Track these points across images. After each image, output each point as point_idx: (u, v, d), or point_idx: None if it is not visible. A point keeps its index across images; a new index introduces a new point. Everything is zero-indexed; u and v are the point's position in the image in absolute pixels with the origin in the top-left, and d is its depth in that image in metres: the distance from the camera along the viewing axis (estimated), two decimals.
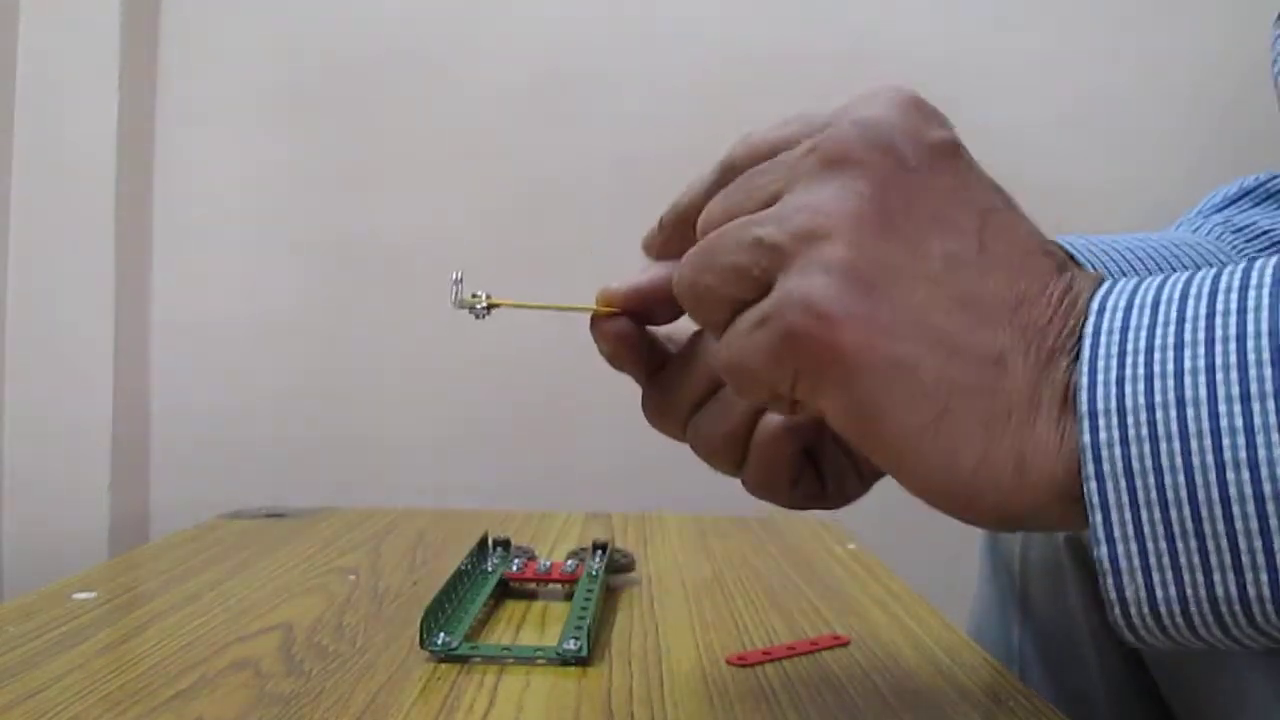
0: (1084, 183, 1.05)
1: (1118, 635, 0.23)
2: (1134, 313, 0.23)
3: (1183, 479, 0.21)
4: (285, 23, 1.06)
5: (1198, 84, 1.07)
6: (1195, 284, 0.23)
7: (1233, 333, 0.22)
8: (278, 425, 1.05)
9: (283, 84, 1.06)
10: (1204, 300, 0.23)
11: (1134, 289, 0.24)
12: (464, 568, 0.50)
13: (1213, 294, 0.23)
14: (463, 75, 1.06)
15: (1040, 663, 0.55)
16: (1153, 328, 0.23)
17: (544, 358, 1.02)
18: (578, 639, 0.41)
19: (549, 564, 0.53)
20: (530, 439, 1.06)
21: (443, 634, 0.42)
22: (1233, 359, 0.21)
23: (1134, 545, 0.22)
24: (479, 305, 0.34)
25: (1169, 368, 0.22)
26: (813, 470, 0.33)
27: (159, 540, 0.71)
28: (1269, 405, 0.21)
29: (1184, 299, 0.23)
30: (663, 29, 1.07)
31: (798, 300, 0.24)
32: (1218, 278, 0.23)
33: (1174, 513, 0.21)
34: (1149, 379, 0.22)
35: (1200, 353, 0.22)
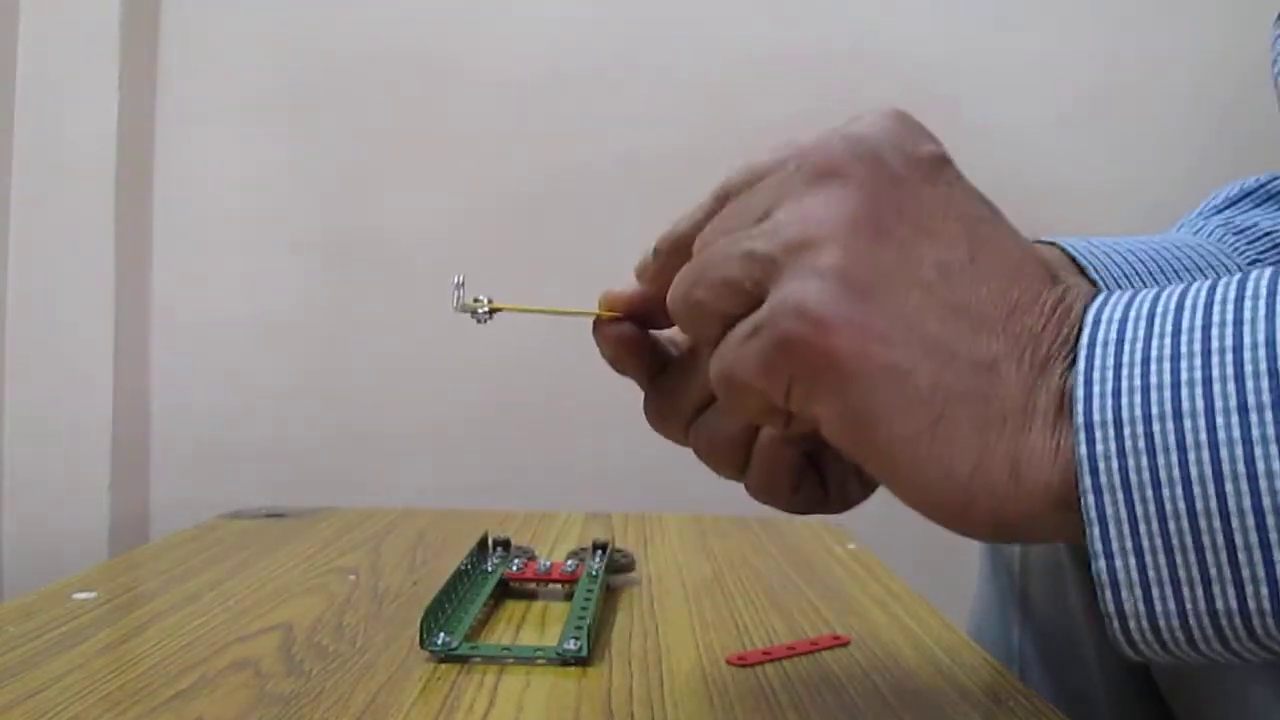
0: (1084, 183, 1.05)
1: (1117, 650, 0.23)
2: (1129, 325, 0.23)
3: (1181, 491, 0.21)
4: (285, 23, 1.06)
5: (1198, 84, 1.07)
6: (1191, 295, 0.23)
7: (1229, 344, 0.21)
8: (278, 425, 1.05)
9: (283, 84, 1.06)
10: (1200, 312, 0.22)
11: (1129, 301, 0.24)
12: (464, 568, 0.50)
13: (1208, 305, 0.22)
14: (463, 75, 1.06)
15: (1040, 663, 0.55)
16: (1149, 339, 0.23)
17: (544, 358, 1.02)
18: (578, 639, 0.41)
19: (549, 564, 0.53)
20: (530, 439, 1.06)
21: (443, 634, 0.42)
22: (1229, 370, 0.21)
23: (1132, 559, 0.22)
24: (480, 310, 0.34)
25: (1165, 379, 0.22)
26: (815, 475, 0.33)
27: (159, 540, 0.71)
28: (1266, 416, 0.20)
29: (1179, 310, 0.23)
30: (663, 29, 1.07)
31: (791, 307, 0.24)
32: (1213, 289, 0.23)
33: (1172, 525, 0.21)
34: (1145, 390, 0.22)
35: (1197, 364, 0.22)
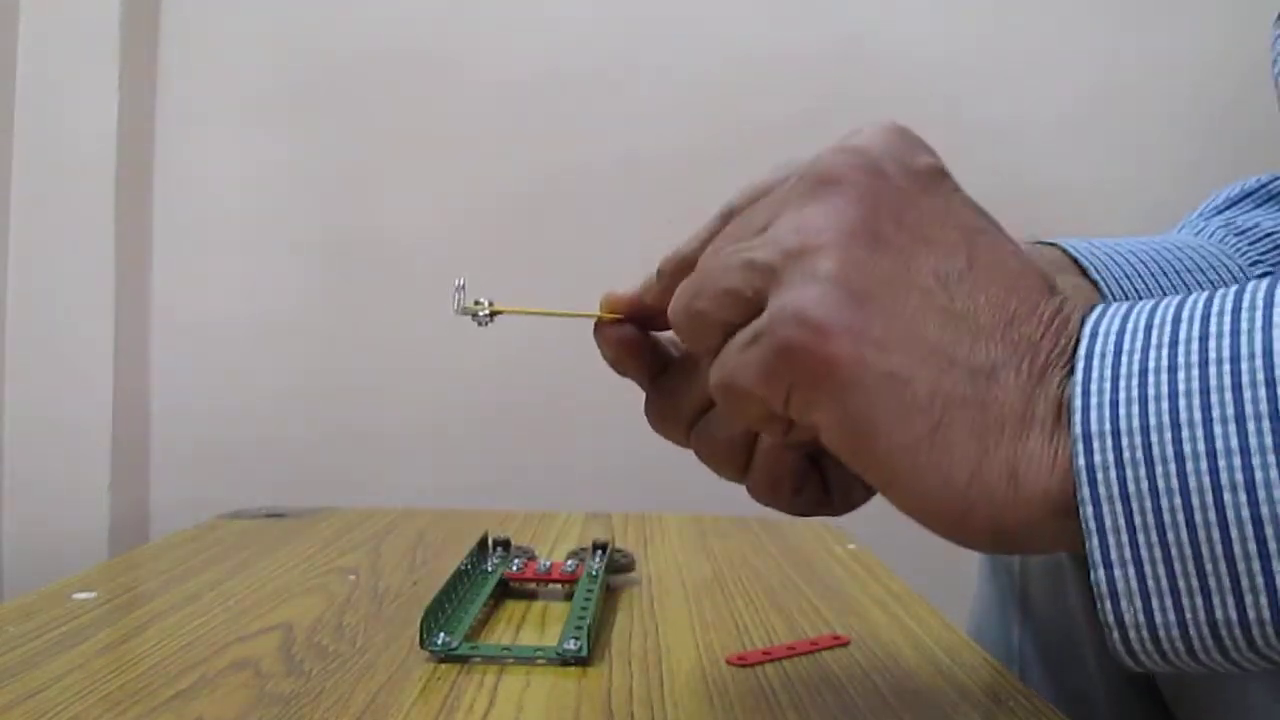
0: (1084, 183, 1.05)
1: (1117, 661, 0.23)
2: (1127, 336, 0.23)
3: (1179, 501, 0.21)
4: (285, 23, 1.06)
5: (1198, 84, 1.07)
6: (1188, 307, 0.23)
7: (1226, 354, 0.21)
8: (278, 425, 1.05)
9: (283, 84, 1.06)
10: (1197, 323, 0.22)
11: (1127, 313, 0.24)
12: (464, 568, 0.50)
13: (1205, 317, 0.22)
14: (463, 75, 1.06)
15: (1040, 663, 0.55)
16: (1146, 350, 0.23)
17: (544, 358, 1.02)
18: (578, 639, 0.41)
19: (549, 564, 0.53)
20: (530, 439, 1.06)
21: (443, 634, 0.42)
22: (1227, 380, 0.21)
23: (1131, 570, 0.22)
24: (481, 313, 0.34)
25: (1163, 390, 0.22)
26: (817, 477, 0.33)
27: (159, 540, 0.71)
28: (1264, 426, 0.20)
29: (1176, 322, 0.23)
30: (663, 29, 1.07)
31: (790, 314, 0.24)
32: (1210, 301, 0.23)
33: (1171, 536, 0.21)
34: (1143, 401, 0.22)
35: (1194, 375, 0.22)
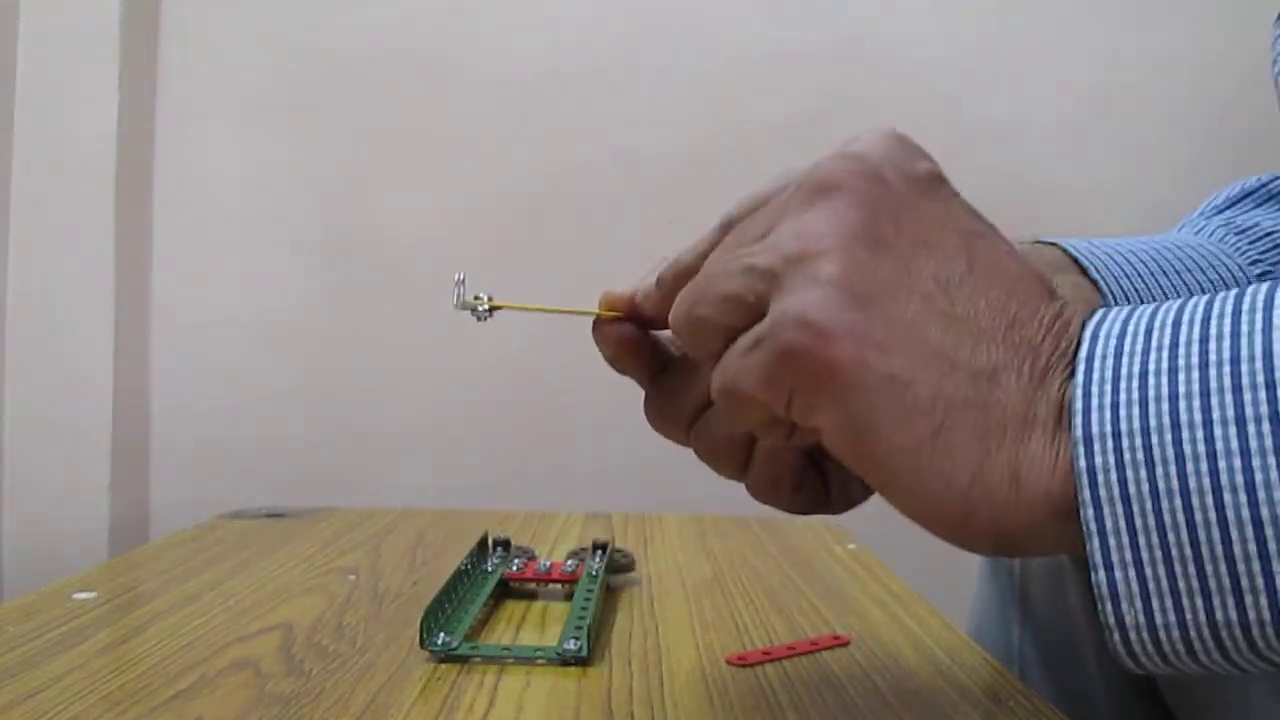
0: (1084, 183, 1.05)
1: (1118, 662, 0.23)
2: (1128, 339, 0.23)
3: (1179, 503, 0.21)
4: (285, 23, 1.06)
5: (1198, 84, 1.07)
6: (1189, 310, 0.23)
7: (1226, 356, 0.22)
8: (278, 425, 1.05)
9: (283, 84, 1.06)
10: (1197, 326, 0.23)
11: (1127, 316, 0.24)
12: (464, 568, 0.50)
13: (1206, 319, 0.23)
14: (463, 75, 1.06)
15: (1040, 663, 0.55)
16: (1146, 353, 0.23)
17: (544, 358, 1.02)
18: (578, 639, 0.41)
19: (549, 564, 0.53)
20: (530, 439, 1.06)
21: (443, 634, 0.42)
22: (1227, 382, 0.21)
23: (1132, 571, 0.22)
24: (481, 307, 0.34)
25: (1163, 391, 0.22)
26: (816, 475, 0.33)
27: (159, 540, 0.71)
28: (1264, 428, 0.21)
29: (1177, 325, 0.23)
30: (663, 29, 1.07)
31: (792, 317, 0.25)
32: (1210, 303, 0.23)
33: (1172, 537, 0.21)
34: (1144, 403, 0.22)
35: (1194, 377, 0.22)
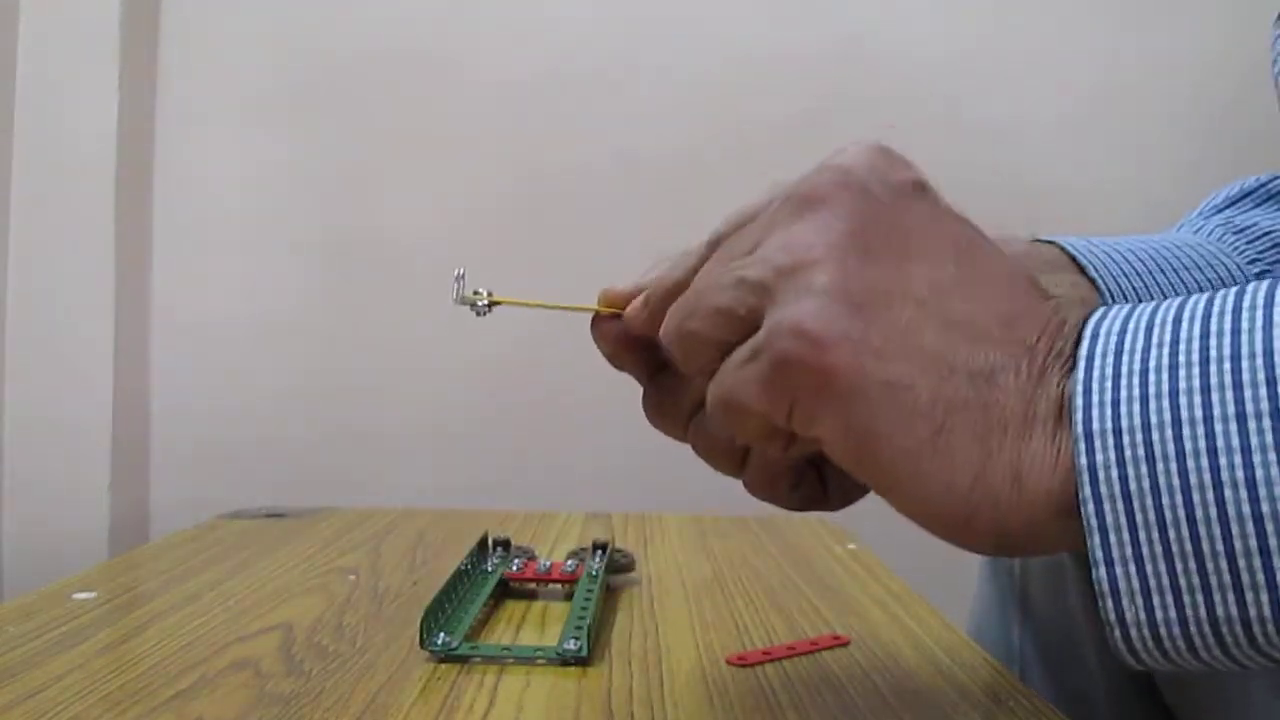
0: (1084, 182, 1.05)
1: (1118, 659, 0.23)
2: (1128, 336, 0.23)
3: (1180, 499, 0.21)
4: (285, 22, 1.06)
5: (1198, 84, 1.07)
6: (1189, 307, 0.23)
7: (1226, 353, 0.22)
8: (278, 425, 1.05)
9: (283, 84, 1.06)
10: (1198, 322, 0.23)
11: (1128, 314, 0.24)
12: (464, 568, 0.50)
13: (1206, 316, 0.23)
14: (462, 75, 1.06)
15: (1040, 663, 0.55)
16: (1147, 349, 0.23)
17: (544, 357, 1.02)
18: (578, 639, 0.41)
19: (549, 564, 0.53)
20: (530, 439, 1.06)
21: (443, 634, 0.42)
22: (1227, 379, 0.21)
23: (1133, 567, 0.22)
24: (480, 303, 0.34)
25: (1164, 388, 0.22)
26: (814, 472, 0.33)
27: (159, 540, 0.71)
28: (1265, 424, 0.21)
29: (1177, 322, 0.23)
30: (663, 29, 1.07)
31: (788, 328, 0.25)
32: (1211, 301, 0.23)
33: (1172, 534, 0.21)
34: (1144, 400, 0.22)
35: (1195, 373, 0.22)
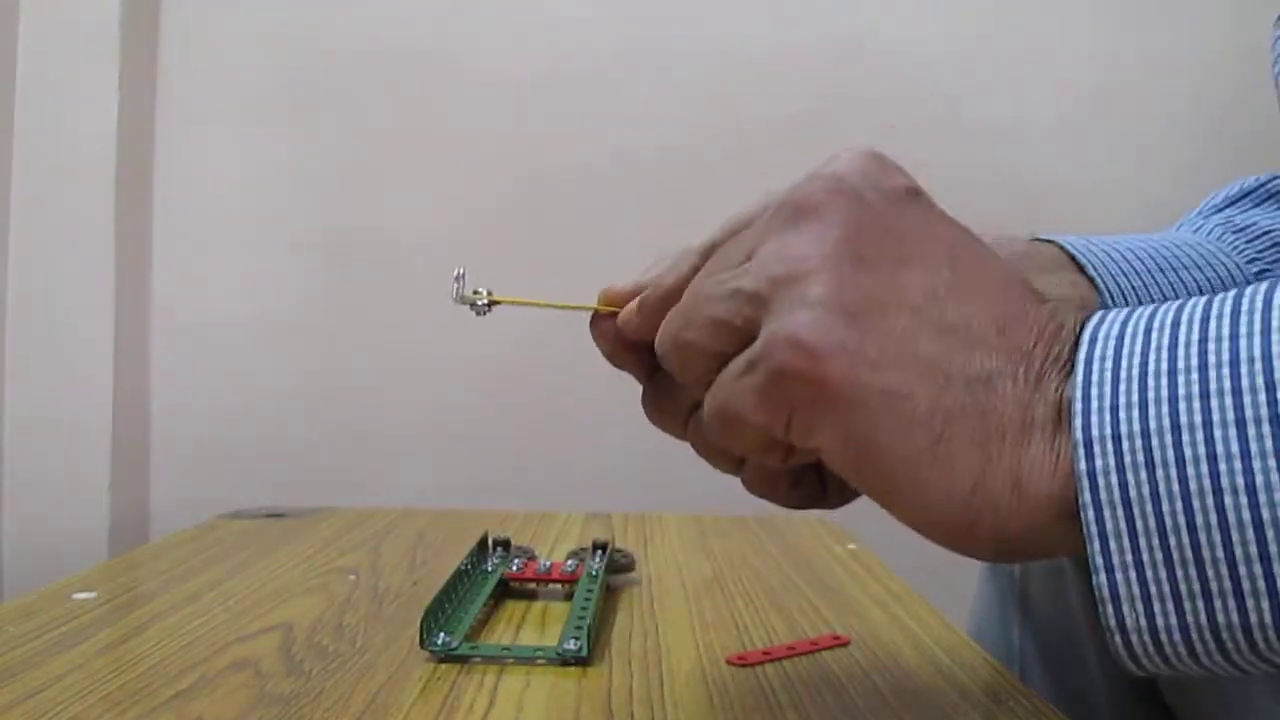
0: (1084, 182, 1.05)
1: (1119, 665, 0.23)
2: (1126, 340, 0.23)
3: (1180, 505, 0.21)
4: (285, 23, 1.06)
5: (1198, 84, 1.07)
6: (1187, 311, 0.23)
7: (1225, 358, 0.22)
8: (278, 425, 1.05)
9: (283, 84, 1.06)
10: (1196, 327, 0.23)
11: (1125, 318, 0.24)
12: (464, 568, 0.50)
13: (1205, 320, 0.23)
14: (462, 75, 1.06)
15: (1040, 663, 0.55)
16: (1145, 354, 0.23)
17: (544, 357, 1.02)
18: (578, 639, 0.41)
19: (549, 564, 0.53)
20: (530, 439, 1.06)
21: (443, 634, 0.42)
22: (1226, 384, 0.21)
23: (1133, 574, 0.22)
24: (480, 302, 0.35)
25: (1163, 394, 0.22)
26: (813, 470, 0.33)
27: (159, 540, 0.71)
28: (1264, 430, 0.20)
29: (1175, 326, 0.23)
30: (663, 29, 1.07)
31: (784, 339, 0.25)
32: (1209, 304, 0.23)
33: (1173, 540, 0.21)
34: (1143, 405, 0.22)
35: (1194, 379, 0.22)
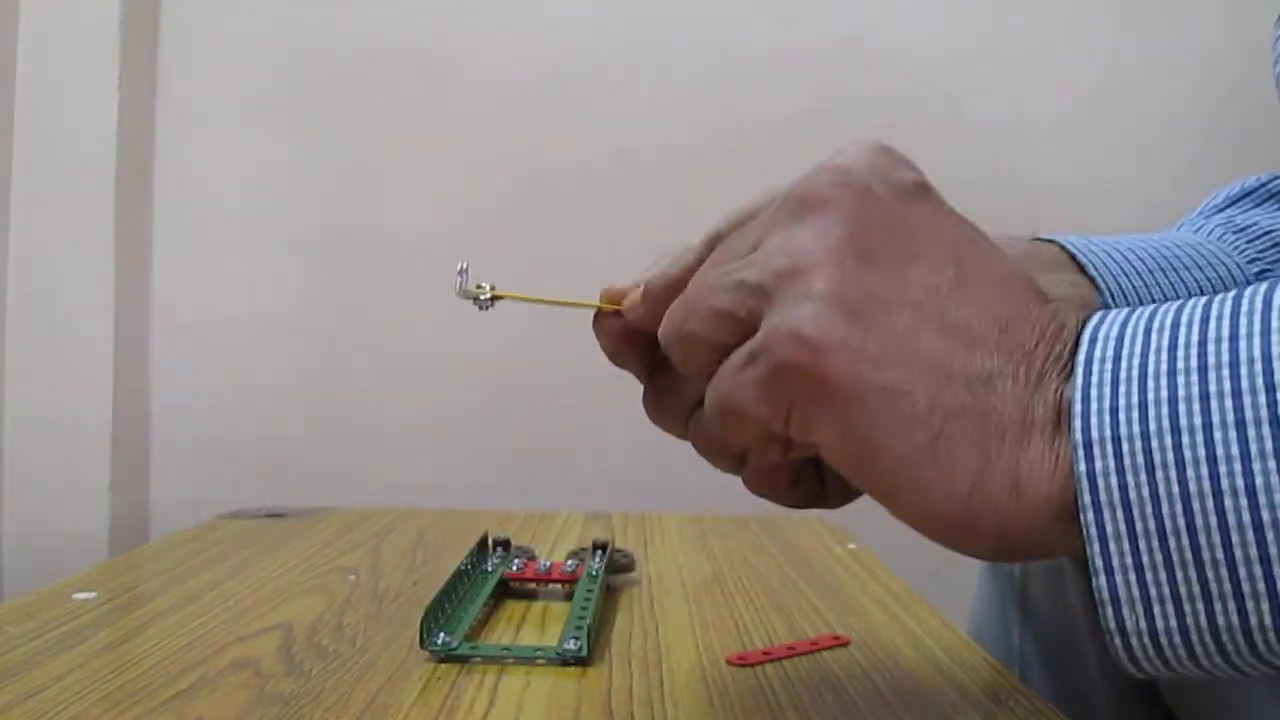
0: (1084, 182, 1.05)
1: (1119, 667, 0.23)
2: (1126, 341, 0.23)
3: (1180, 508, 0.21)
4: (285, 23, 1.06)
5: (1198, 84, 1.07)
6: (1187, 312, 0.23)
7: (1225, 359, 0.21)
8: (278, 425, 1.05)
9: (283, 84, 1.06)
10: (1195, 328, 0.22)
11: (1125, 318, 0.24)
12: (464, 568, 0.50)
13: (1204, 321, 0.22)
14: (462, 74, 1.06)
15: (1040, 663, 0.55)
16: (1145, 355, 0.23)
17: (544, 357, 1.02)
18: (578, 639, 0.41)
19: (549, 564, 0.53)
20: (530, 439, 1.05)
21: (443, 634, 0.42)
22: (1226, 386, 0.21)
23: (1133, 576, 0.22)
24: (483, 296, 0.34)
25: (1163, 395, 0.22)
26: (813, 470, 0.33)
27: (159, 540, 0.71)
28: (1264, 431, 0.20)
29: (1175, 327, 0.23)
30: (663, 29, 1.07)
31: (786, 333, 0.25)
32: (1209, 305, 0.23)
33: (1172, 542, 0.21)
34: (1143, 407, 0.22)
35: (1194, 380, 0.22)
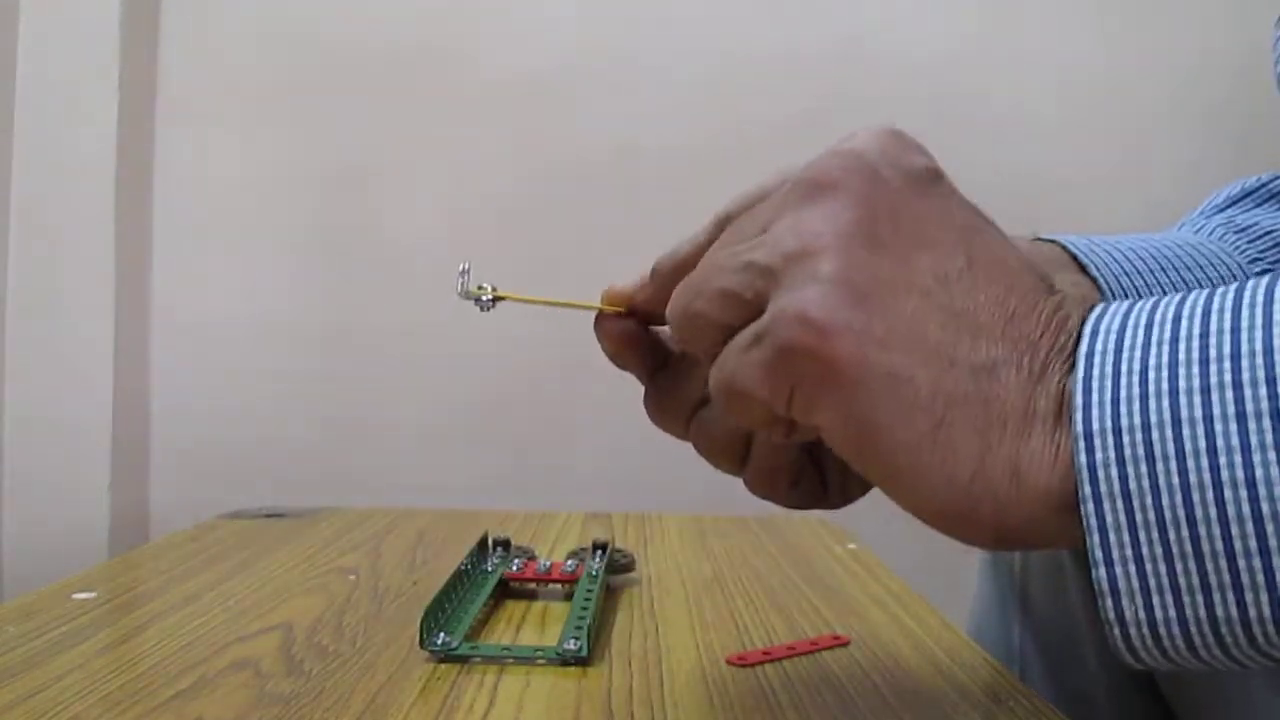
0: (1084, 181, 1.05)
1: (1118, 658, 0.23)
2: (1127, 333, 0.23)
3: (1180, 499, 0.21)
4: (285, 22, 1.06)
5: (1198, 83, 1.07)
6: (1189, 304, 0.23)
7: (1226, 351, 0.21)
8: (277, 425, 1.05)
9: (283, 83, 1.06)
10: (1197, 320, 0.23)
11: (1127, 311, 0.24)
12: (464, 568, 0.50)
13: (1206, 314, 0.23)
14: (463, 75, 1.06)
15: (1040, 663, 0.55)
16: (1146, 347, 0.23)
17: (544, 357, 1.02)
18: (578, 639, 0.41)
19: (549, 564, 0.53)
20: (530, 439, 1.06)
21: (443, 634, 0.42)
22: (1227, 378, 0.21)
23: (1132, 567, 0.22)
24: (485, 297, 0.34)
25: (1164, 387, 0.22)
26: (814, 470, 0.33)
27: (159, 540, 0.71)
28: (1265, 424, 0.20)
29: (1177, 319, 0.23)
30: (663, 28, 1.07)
31: (792, 314, 0.25)
32: (1211, 298, 0.23)
33: (1172, 533, 0.21)
34: (1144, 399, 0.22)
35: (1195, 372, 0.22)
